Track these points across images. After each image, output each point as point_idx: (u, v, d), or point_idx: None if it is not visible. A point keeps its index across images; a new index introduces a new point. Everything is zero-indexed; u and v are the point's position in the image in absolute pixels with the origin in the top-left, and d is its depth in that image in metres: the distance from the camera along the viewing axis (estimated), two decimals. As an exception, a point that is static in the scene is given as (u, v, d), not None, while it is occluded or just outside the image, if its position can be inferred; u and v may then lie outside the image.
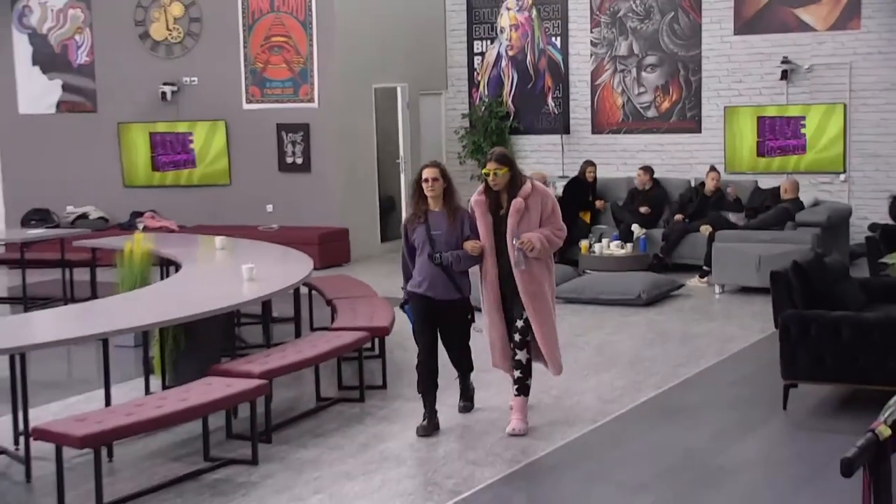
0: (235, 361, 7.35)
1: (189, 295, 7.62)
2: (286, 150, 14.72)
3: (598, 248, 12.64)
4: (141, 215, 14.99)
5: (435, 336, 6.94)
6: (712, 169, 13.22)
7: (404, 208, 14.29)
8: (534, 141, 15.82)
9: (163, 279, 9.48)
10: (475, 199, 6.83)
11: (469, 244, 6.76)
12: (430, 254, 6.76)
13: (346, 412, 7.48)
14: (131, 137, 15.34)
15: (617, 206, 13.59)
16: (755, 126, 14.38)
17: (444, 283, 6.79)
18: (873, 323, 7.01)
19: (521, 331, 6.79)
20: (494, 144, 15.69)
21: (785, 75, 14.15)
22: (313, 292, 9.71)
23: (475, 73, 16.19)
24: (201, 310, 6.93)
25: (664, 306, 11.08)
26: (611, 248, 12.58)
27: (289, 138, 14.68)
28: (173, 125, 15.20)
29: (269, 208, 14.83)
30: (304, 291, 9.42)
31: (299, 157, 14.67)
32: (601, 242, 12.71)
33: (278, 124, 14.69)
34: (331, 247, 14.03)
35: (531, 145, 15.83)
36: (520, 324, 6.78)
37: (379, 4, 15.08)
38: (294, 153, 14.68)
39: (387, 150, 15.38)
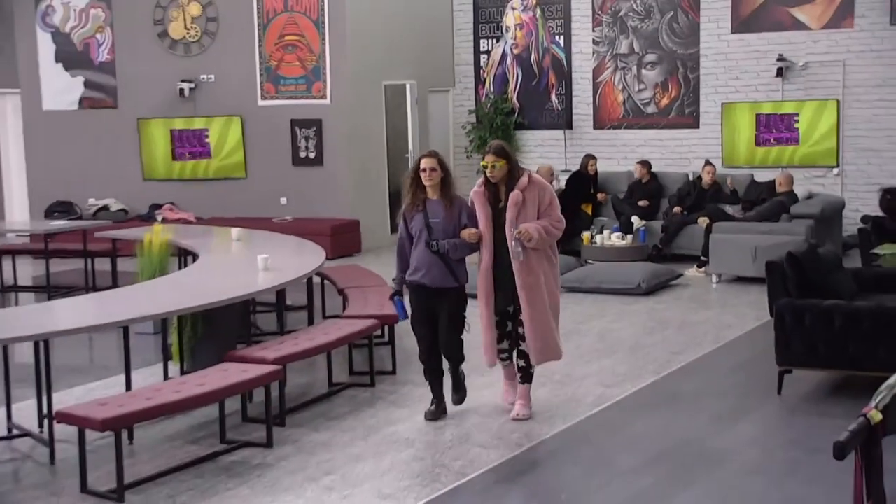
0: (251, 348, 7.35)
1: (206, 284, 7.62)
2: (299, 145, 14.71)
3: (599, 239, 12.64)
4: (160, 207, 15.01)
5: (433, 332, 6.75)
6: (707, 163, 13.20)
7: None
8: (538, 136, 15.81)
9: (181, 269, 9.48)
10: (475, 192, 6.73)
11: (466, 232, 6.62)
12: (427, 241, 6.63)
13: (357, 397, 7.50)
14: (150, 132, 15.35)
15: (618, 198, 13.57)
16: (752, 122, 14.35)
17: (440, 270, 6.65)
18: (865, 312, 6.99)
19: (497, 324, 6.72)
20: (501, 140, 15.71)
21: (780, 72, 14.11)
22: (325, 282, 9.71)
23: (481, 71, 16.16)
24: (218, 298, 6.93)
25: (663, 295, 11.06)
26: (612, 239, 12.57)
27: (302, 133, 14.67)
28: (191, 121, 15.20)
29: (283, 201, 14.83)
30: (317, 281, 9.42)
31: (312, 152, 14.66)
32: (602, 234, 12.71)
33: (292, 120, 14.68)
34: (342, 238, 14.02)
35: (535, 140, 15.82)
36: (495, 318, 6.70)
37: (389, 5, 15.05)
38: (307, 148, 14.68)
39: (396, 145, 15.36)
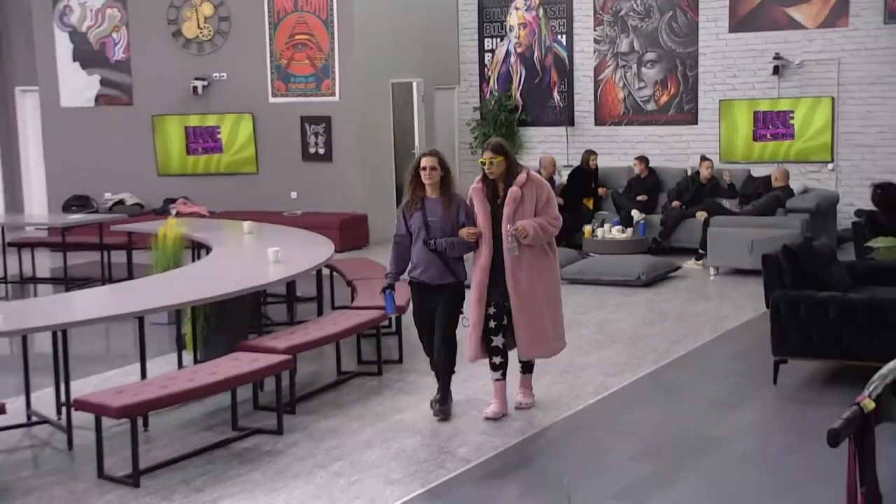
0: (262, 338, 7.36)
1: (219, 276, 7.62)
2: (309, 141, 14.70)
3: (600, 232, 12.63)
4: (174, 202, 15.01)
5: (434, 328, 6.57)
6: (704, 158, 13.17)
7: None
8: (540, 132, 15.79)
9: (194, 261, 9.48)
10: (473, 188, 6.57)
11: (464, 231, 6.46)
12: (424, 239, 6.48)
13: (365, 385, 7.50)
14: (165, 129, 15.35)
15: (618, 193, 13.56)
16: (749, 118, 14.31)
17: (438, 268, 6.50)
18: (858, 303, 6.98)
19: (493, 317, 6.51)
20: (504, 136, 15.67)
21: (777, 70, 14.07)
22: (334, 273, 9.70)
23: (486, 69, 16.14)
24: (230, 290, 6.94)
25: (662, 287, 11.05)
26: (612, 232, 12.57)
27: (312, 130, 14.66)
28: (204, 118, 15.19)
29: (294, 195, 14.83)
30: (326, 273, 9.44)
31: (321, 148, 14.66)
32: (603, 227, 12.71)
33: (302, 117, 14.67)
34: (351, 231, 14.02)
35: (538, 136, 15.80)
36: (492, 310, 6.49)
37: (396, 5, 15.03)
38: (316, 144, 14.67)
39: (403, 141, 15.36)
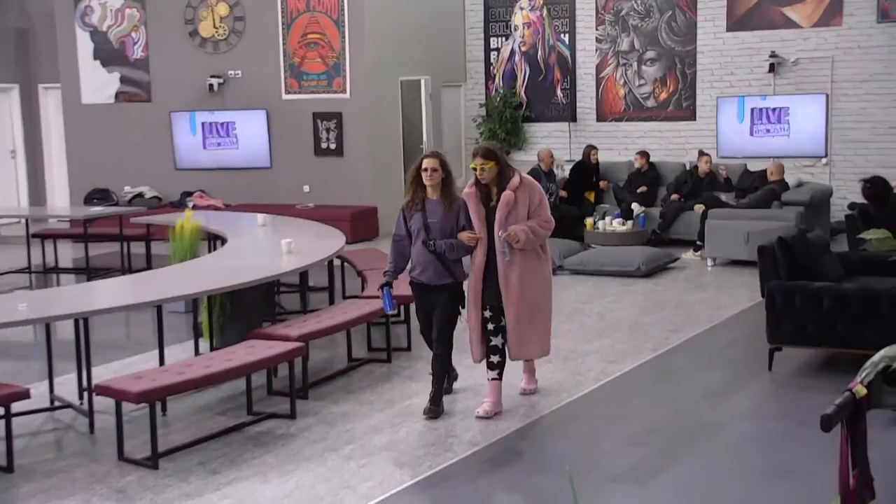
0: (275, 326, 7.38)
1: (234, 266, 7.62)
2: (321, 137, 14.69)
3: (601, 224, 12.61)
4: (191, 195, 15.02)
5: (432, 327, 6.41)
6: (702, 153, 13.14)
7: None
8: (544, 128, 15.77)
9: (210, 252, 9.49)
10: (467, 192, 6.41)
11: (464, 234, 6.26)
12: (424, 240, 6.28)
13: (375, 371, 7.50)
14: (182, 124, 15.35)
15: (618, 186, 13.53)
16: (745, 114, 14.27)
17: (437, 268, 6.33)
18: (851, 293, 6.97)
19: (490, 319, 6.40)
20: (509, 132, 15.68)
21: (772, 68, 14.03)
22: (345, 264, 9.71)
23: (491, 67, 16.11)
24: (245, 279, 6.94)
25: (661, 277, 11.03)
26: (613, 224, 12.55)
27: (323, 126, 14.65)
28: (220, 114, 15.19)
29: (306, 189, 14.83)
30: (337, 263, 9.44)
31: (333, 143, 14.65)
32: (604, 219, 12.69)
33: (314, 113, 14.66)
34: (361, 223, 14.02)
35: (542, 132, 15.77)
36: (487, 313, 6.39)
37: (404, 5, 15.00)
38: (328, 139, 14.66)
39: (411, 137, 15.34)
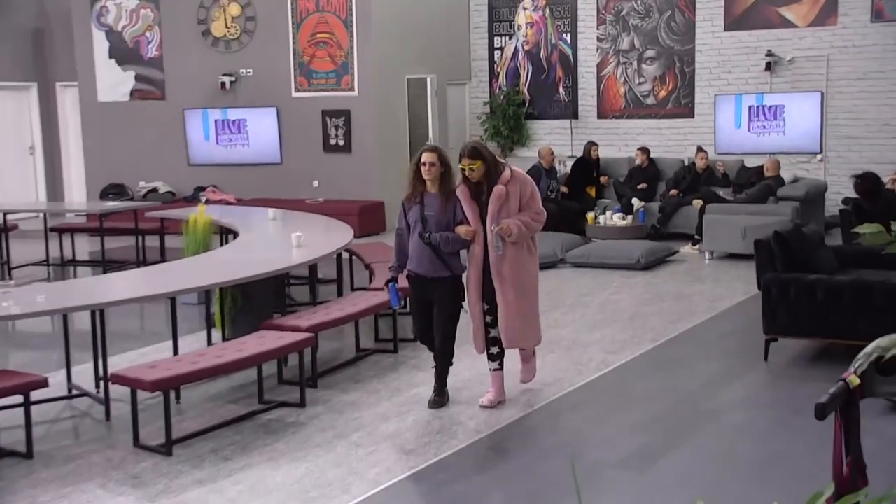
0: (285, 317, 7.38)
1: (245, 259, 7.63)
2: (330, 133, 14.70)
3: (602, 219, 12.60)
4: (203, 190, 15.03)
5: (428, 317, 6.36)
6: (699, 149, 13.13)
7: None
8: (546, 125, 15.76)
9: (222, 245, 9.50)
10: (459, 189, 6.31)
11: (462, 229, 6.19)
12: (420, 232, 6.22)
13: (382, 361, 7.51)
14: (195, 121, 15.37)
15: (619, 182, 13.53)
16: (742, 112, 14.25)
17: (433, 261, 6.22)
18: (845, 286, 6.96)
19: (488, 311, 6.37)
20: (512, 129, 15.68)
21: (769, 67, 14.00)
22: (353, 257, 9.71)
23: (495, 66, 16.10)
24: (256, 272, 6.94)
25: (660, 270, 11.03)
26: (613, 219, 12.54)
27: (332, 123, 14.65)
28: (231, 111, 15.20)
29: (315, 184, 14.84)
30: (346, 257, 9.44)
31: (341, 140, 14.65)
32: (605, 214, 12.68)
33: (323, 110, 14.66)
34: (369, 218, 14.03)
35: (544, 129, 15.76)
36: (485, 306, 6.35)
37: (410, 5, 14.99)
38: (337, 136, 14.66)
39: (418, 133, 15.33)
